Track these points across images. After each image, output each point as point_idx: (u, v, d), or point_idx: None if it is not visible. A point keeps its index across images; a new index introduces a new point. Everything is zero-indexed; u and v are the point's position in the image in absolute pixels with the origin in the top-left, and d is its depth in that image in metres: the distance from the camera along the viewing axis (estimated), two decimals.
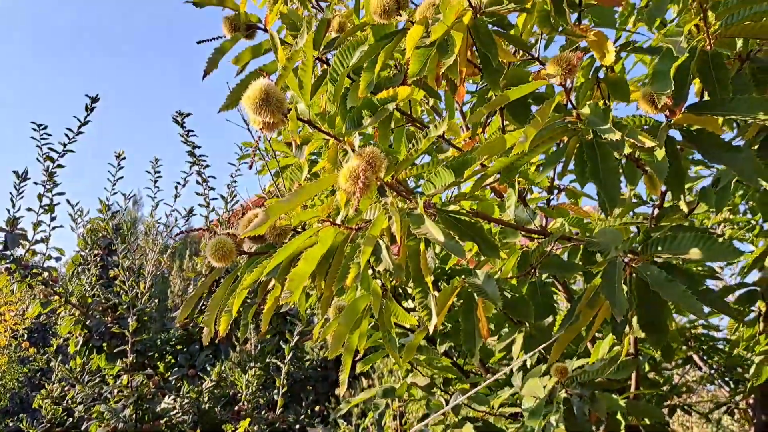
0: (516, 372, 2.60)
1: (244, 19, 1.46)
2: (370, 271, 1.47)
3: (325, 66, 1.58)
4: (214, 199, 4.01)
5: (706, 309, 1.17)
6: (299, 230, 1.27)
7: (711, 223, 3.11)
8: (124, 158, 4.26)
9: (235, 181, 4.15)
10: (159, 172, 4.42)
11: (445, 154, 1.59)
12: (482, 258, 1.98)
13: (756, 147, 1.53)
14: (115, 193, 4.06)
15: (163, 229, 4.47)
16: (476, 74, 1.57)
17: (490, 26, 1.38)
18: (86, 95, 3.64)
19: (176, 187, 4.27)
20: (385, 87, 1.35)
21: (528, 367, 2.47)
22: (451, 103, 1.64)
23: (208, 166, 3.97)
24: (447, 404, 2.21)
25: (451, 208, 1.16)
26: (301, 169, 1.26)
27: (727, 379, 3.42)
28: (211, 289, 3.52)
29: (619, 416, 2.22)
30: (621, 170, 1.39)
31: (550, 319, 1.59)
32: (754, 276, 2.51)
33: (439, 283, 2.61)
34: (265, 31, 1.53)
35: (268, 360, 3.95)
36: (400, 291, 2.16)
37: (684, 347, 3.11)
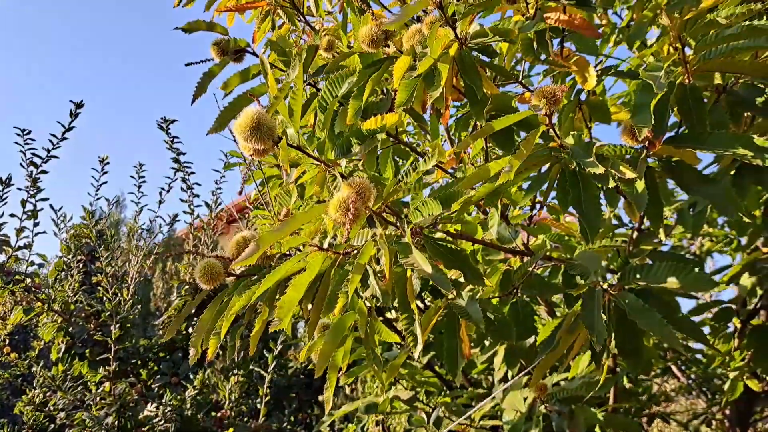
0: (497, 383, 2.64)
1: (233, 44, 1.48)
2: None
3: (313, 89, 1.61)
4: (198, 206, 4.00)
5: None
6: (287, 252, 1.29)
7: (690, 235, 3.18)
8: (108, 163, 4.24)
9: (220, 188, 4.15)
10: (143, 177, 4.40)
11: (431, 175, 1.62)
12: None
13: (732, 172, 1.58)
14: (98, 198, 4.03)
15: (147, 235, 4.45)
16: (461, 99, 1.60)
17: (474, 53, 1.41)
18: (71, 101, 3.63)
19: (160, 193, 4.25)
20: (373, 111, 1.38)
21: (509, 378, 2.51)
22: (436, 126, 1.67)
23: (193, 173, 3.97)
24: (428, 418, 2.24)
25: (438, 235, 1.18)
26: (290, 194, 1.28)
27: (704, 389, 3.49)
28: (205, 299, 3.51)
29: (597, 430, 2.26)
30: (601, 194, 1.43)
31: (531, 339, 1.62)
32: (731, 292, 2.57)
33: (422, 293, 2.63)
34: (254, 54, 1.55)
35: (251, 367, 3.95)
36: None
37: (662, 358, 3.17)
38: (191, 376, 3.59)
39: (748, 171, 1.50)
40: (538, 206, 2.23)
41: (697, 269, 1.11)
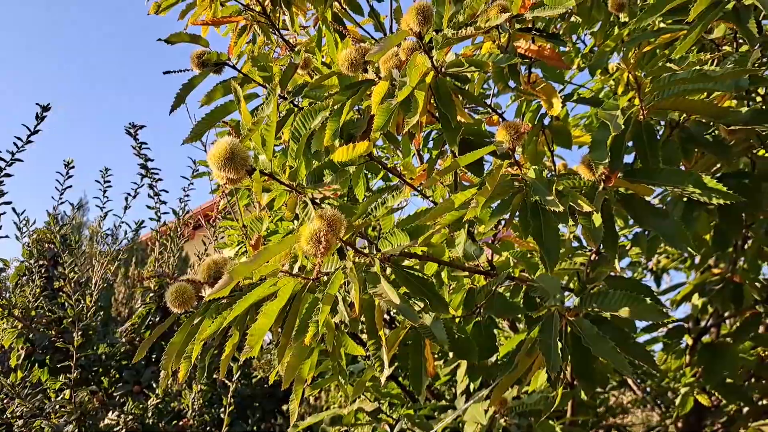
0: (459, 395, 2.70)
1: (214, 57, 1.50)
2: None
3: (290, 105, 1.64)
4: (165, 213, 3.98)
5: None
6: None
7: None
8: (73, 167, 4.19)
9: (188, 195, 4.13)
10: (109, 181, 4.35)
11: (401, 193, 1.67)
12: None
13: (685, 199, 1.66)
14: (62, 203, 3.98)
15: (111, 240, 4.40)
16: (433, 121, 1.66)
17: (448, 78, 1.46)
18: (37, 103, 3.58)
19: (126, 199, 4.21)
20: (349, 129, 1.42)
21: (471, 389, 2.58)
22: (408, 146, 1.72)
23: (160, 179, 3.94)
24: (392, 429, 2.28)
25: (406, 262, 1.23)
26: (261, 220, 1.31)
27: (658, 402, 3.61)
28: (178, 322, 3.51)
29: None
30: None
31: (492, 358, 1.68)
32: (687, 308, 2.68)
33: (392, 312, 2.68)
34: (234, 68, 1.59)
35: (215, 376, 3.94)
36: None
37: (618, 372, 3.27)
38: (154, 385, 3.57)
39: (696, 204, 1.59)
40: (503, 222, 2.30)
41: (648, 299, 1.18)
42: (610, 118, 1.22)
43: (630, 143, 1.42)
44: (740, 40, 1.45)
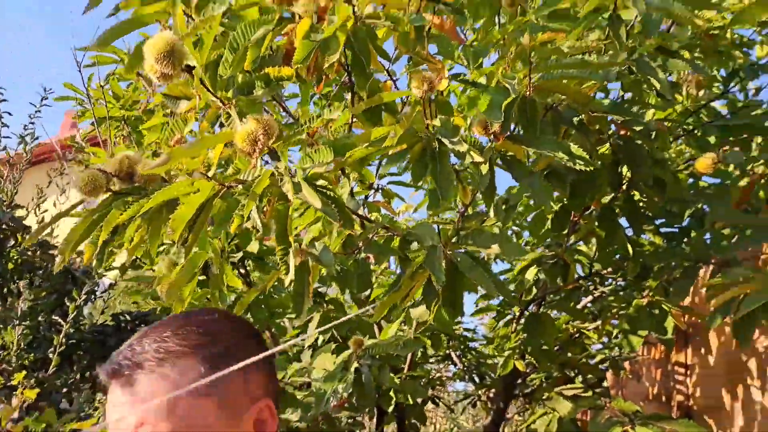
0: (306, 349, 2.84)
1: None
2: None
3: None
4: (7, 137, 3.65)
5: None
6: (166, 179, 1.35)
7: None
8: None
9: (32, 123, 3.81)
10: None
11: (299, 137, 1.76)
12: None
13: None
14: None
15: None
16: (340, 71, 1.77)
17: (366, 27, 1.58)
18: None
19: None
20: (264, 65, 1.49)
21: (319, 344, 2.73)
22: (307, 93, 1.81)
23: (4, 100, 3.61)
24: None
25: (320, 182, 1.33)
26: (186, 121, 1.34)
27: (474, 375, 3.99)
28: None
29: (392, 393, 2.56)
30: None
31: (367, 292, 1.84)
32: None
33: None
34: None
35: (40, 319, 3.68)
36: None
37: (446, 345, 3.59)
38: None
39: (554, 177, 1.86)
40: (374, 190, 2.50)
41: (514, 241, 1.40)
42: (510, 84, 1.43)
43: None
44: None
